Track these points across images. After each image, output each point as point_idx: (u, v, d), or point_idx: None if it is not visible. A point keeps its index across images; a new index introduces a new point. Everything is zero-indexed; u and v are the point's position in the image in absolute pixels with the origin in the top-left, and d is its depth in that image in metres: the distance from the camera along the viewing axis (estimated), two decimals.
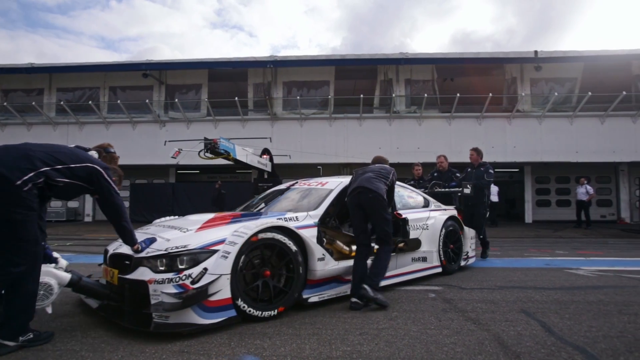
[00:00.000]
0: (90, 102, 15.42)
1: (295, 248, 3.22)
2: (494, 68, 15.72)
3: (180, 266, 2.83)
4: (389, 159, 4.32)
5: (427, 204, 5.27)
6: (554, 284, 4.32)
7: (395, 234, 4.03)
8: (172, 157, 9.15)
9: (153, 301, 2.72)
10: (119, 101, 15.41)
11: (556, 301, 3.57)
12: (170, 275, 2.78)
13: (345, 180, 4.26)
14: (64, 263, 2.86)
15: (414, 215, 4.65)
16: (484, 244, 6.29)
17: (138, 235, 3.01)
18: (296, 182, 4.96)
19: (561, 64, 14.79)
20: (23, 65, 15.64)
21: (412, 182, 6.72)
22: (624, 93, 13.79)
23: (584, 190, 13.09)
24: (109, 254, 3.27)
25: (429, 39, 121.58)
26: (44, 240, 2.71)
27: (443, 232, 4.87)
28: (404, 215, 4.18)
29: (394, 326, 2.88)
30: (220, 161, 9.83)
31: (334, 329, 2.83)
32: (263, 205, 4.64)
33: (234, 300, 2.86)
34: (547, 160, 14.92)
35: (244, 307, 2.89)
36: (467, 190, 5.92)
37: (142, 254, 2.93)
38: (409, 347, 2.46)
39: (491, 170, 6.27)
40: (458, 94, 14.14)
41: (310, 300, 3.34)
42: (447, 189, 6.20)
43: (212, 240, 3.01)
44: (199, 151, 9.05)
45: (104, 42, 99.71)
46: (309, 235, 3.42)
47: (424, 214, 4.91)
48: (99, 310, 3.09)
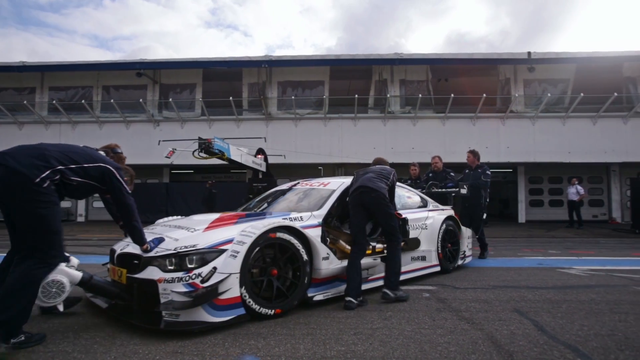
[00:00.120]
0: (83, 101, 15.28)
1: (301, 247, 3.27)
2: (487, 69, 15.80)
3: (189, 265, 2.88)
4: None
5: (426, 204, 5.33)
6: (547, 284, 4.36)
7: None
8: (166, 157, 9.10)
9: (163, 300, 2.76)
10: (112, 100, 15.28)
11: (549, 300, 3.60)
12: (179, 274, 2.82)
13: (347, 180, 4.31)
14: (75, 262, 2.89)
15: (413, 215, 4.70)
16: (483, 246, 6.34)
17: (146, 235, 3.04)
18: (298, 183, 4.97)
19: (554, 65, 14.93)
20: (14, 63, 15.44)
21: (409, 182, 6.76)
22: (616, 94, 13.95)
23: (575, 191, 13.23)
24: (116, 254, 3.29)
25: (423, 39, 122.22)
26: None
27: (441, 232, 4.94)
28: (403, 215, 4.22)
29: (388, 326, 2.89)
30: (215, 161, 9.79)
31: (328, 328, 2.83)
32: (265, 205, 4.66)
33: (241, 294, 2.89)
34: (540, 161, 15.04)
35: (245, 296, 2.91)
36: (464, 191, 6.01)
37: (151, 254, 2.97)
38: (403, 347, 2.47)
39: (488, 172, 6.36)
40: (452, 95, 14.20)
41: (315, 298, 3.39)
42: (444, 189, 6.24)
43: (220, 239, 3.05)
44: (193, 151, 9.01)
45: (97, 41, 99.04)
46: (314, 234, 3.47)
47: (422, 214, 4.95)
48: (109, 311, 3.10)
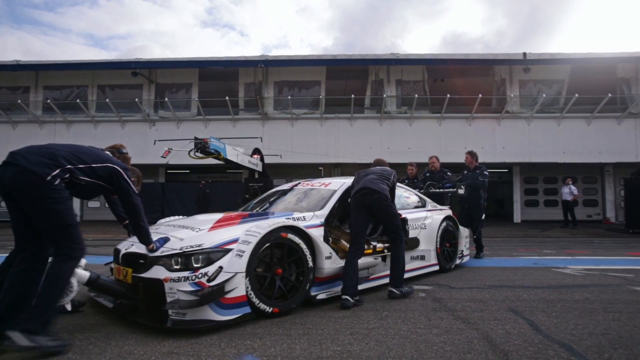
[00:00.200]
0: (78, 101, 15.20)
1: (305, 247, 3.30)
2: (483, 69, 15.88)
3: (195, 265, 2.90)
4: None
5: (424, 204, 5.37)
6: (542, 283, 4.38)
7: None
8: (162, 157, 9.07)
9: (169, 299, 2.77)
10: (107, 100, 15.22)
11: (544, 300, 3.62)
12: (186, 273, 2.84)
13: (348, 181, 4.33)
14: (83, 261, 2.87)
15: (413, 215, 4.74)
16: (479, 247, 6.41)
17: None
18: (299, 183, 4.98)
19: (549, 66, 15.03)
20: (8, 62, 15.33)
21: (407, 182, 6.77)
22: (610, 95, 14.06)
23: (568, 191, 13.31)
24: (121, 253, 3.29)
25: (420, 40, 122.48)
26: None
27: (440, 232, 4.98)
28: (403, 215, 4.26)
29: (384, 325, 2.89)
30: (211, 161, 9.77)
31: (324, 328, 2.83)
32: (267, 205, 4.67)
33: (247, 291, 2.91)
34: (536, 161, 15.13)
35: (250, 295, 2.93)
36: (461, 191, 6.07)
37: (157, 253, 2.98)
38: (399, 347, 2.48)
39: (486, 172, 6.42)
40: (448, 95, 14.27)
41: (318, 297, 3.43)
42: (442, 190, 6.28)
43: (226, 239, 3.07)
44: (189, 151, 8.99)
45: (93, 40, 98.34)
46: (317, 234, 3.49)
47: (422, 214, 4.98)
48: (115, 310, 3.10)
